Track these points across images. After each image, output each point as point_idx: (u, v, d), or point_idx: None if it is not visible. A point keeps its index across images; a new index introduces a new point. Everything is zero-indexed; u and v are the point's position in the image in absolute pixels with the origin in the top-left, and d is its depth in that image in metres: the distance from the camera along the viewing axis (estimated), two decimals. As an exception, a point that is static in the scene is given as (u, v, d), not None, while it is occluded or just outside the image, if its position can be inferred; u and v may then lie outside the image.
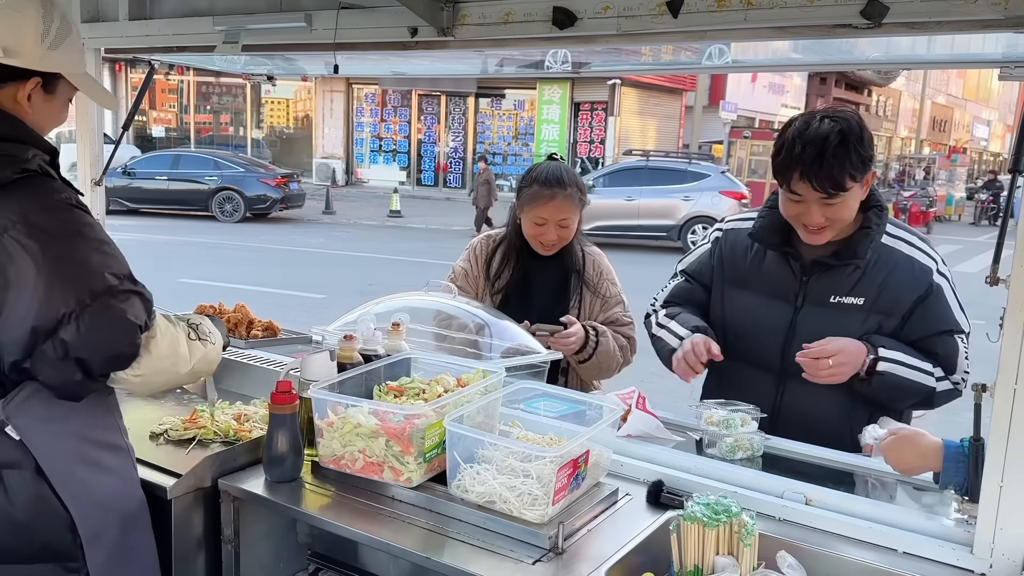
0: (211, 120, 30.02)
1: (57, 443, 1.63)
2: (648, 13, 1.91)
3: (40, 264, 1.53)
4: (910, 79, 39.96)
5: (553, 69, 2.86)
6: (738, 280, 2.25)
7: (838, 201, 1.97)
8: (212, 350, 1.81)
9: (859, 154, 1.95)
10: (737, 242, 2.27)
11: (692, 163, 17.43)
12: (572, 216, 2.63)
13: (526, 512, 1.61)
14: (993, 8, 1.58)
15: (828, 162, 1.92)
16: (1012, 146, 1.48)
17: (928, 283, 2.07)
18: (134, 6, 2.81)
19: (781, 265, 2.16)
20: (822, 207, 1.99)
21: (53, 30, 1.65)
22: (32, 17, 1.63)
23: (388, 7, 2.28)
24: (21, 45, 1.61)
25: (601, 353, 2.56)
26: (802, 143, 1.96)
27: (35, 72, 1.65)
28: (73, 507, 1.63)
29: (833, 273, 2.09)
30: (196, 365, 1.76)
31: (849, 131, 1.95)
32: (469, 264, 2.81)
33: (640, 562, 1.56)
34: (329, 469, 1.85)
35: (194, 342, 1.76)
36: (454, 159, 26.92)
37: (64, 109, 1.78)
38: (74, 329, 1.53)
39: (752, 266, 2.22)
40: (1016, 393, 1.41)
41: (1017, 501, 1.44)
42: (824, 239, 2.06)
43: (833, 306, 2.09)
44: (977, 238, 21.32)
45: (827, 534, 1.64)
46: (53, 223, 1.57)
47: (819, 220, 2.01)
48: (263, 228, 17.41)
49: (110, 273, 1.59)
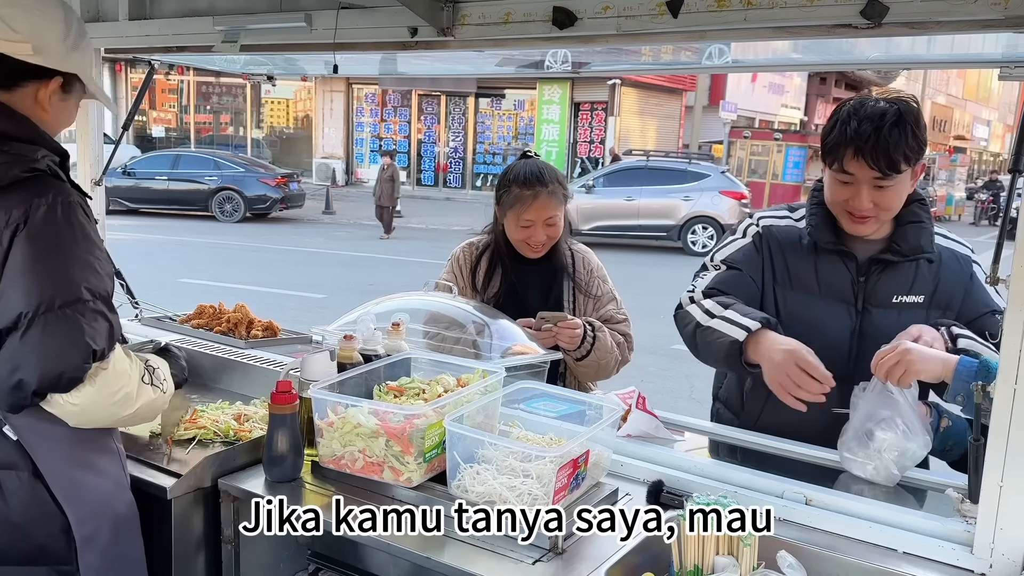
0: (211, 120, 30.03)
1: (54, 444, 1.61)
2: (648, 13, 1.91)
3: (23, 262, 1.50)
4: (910, 79, 39.91)
5: (553, 69, 2.85)
6: (791, 280, 2.11)
7: (889, 185, 1.92)
8: (160, 399, 1.72)
9: (915, 135, 1.90)
10: (783, 240, 2.14)
11: (692, 163, 17.45)
12: (558, 213, 2.57)
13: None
14: (993, 8, 1.58)
15: (884, 138, 1.87)
16: (1012, 146, 1.48)
17: (970, 272, 2.07)
18: (134, 6, 2.81)
19: (836, 264, 2.07)
20: (872, 191, 1.93)
21: (73, 31, 1.66)
22: (56, 17, 1.64)
23: (388, 7, 2.28)
24: (48, 44, 1.60)
25: (599, 348, 2.50)
26: (858, 119, 1.90)
27: (57, 72, 1.64)
28: (69, 509, 1.62)
29: (892, 271, 2.04)
30: (140, 410, 1.67)
31: (907, 111, 1.91)
32: (453, 276, 2.72)
33: (640, 562, 1.55)
34: (329, 469, 1.85)
35: (146, 386, 1.67)
36: (454, 159, 26.92)
37: (75, 111, 1.78)
38: (21, 333, 1.47)
39: (805, 266, 2.10)
40: (1016, 393, 1.40)
41: (1017, 501, 1.44)
42: (869, 230, 2.01)
43: (897, 306, 2.03)
44: (977, 238, 21.24)
45: (827, 534, 1.64)
46: (51, 225, 1.53)
47: (867, 205, 1.94)
48: (263, 228, 17.41)
49: (86, 287, 1.54)
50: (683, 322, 2.18)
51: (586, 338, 2.49)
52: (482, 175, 26.65)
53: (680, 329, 2.20)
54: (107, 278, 1.60)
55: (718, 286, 2.14)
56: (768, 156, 22.63)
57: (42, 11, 1.62)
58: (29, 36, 1.58)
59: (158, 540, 1.84)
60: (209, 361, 2.56)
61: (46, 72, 1.63)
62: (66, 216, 1.55)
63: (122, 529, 1.72)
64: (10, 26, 1.56)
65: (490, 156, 26.45)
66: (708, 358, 2.15)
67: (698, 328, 2.09)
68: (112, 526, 1.69)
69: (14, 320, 1.48)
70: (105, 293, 1.58)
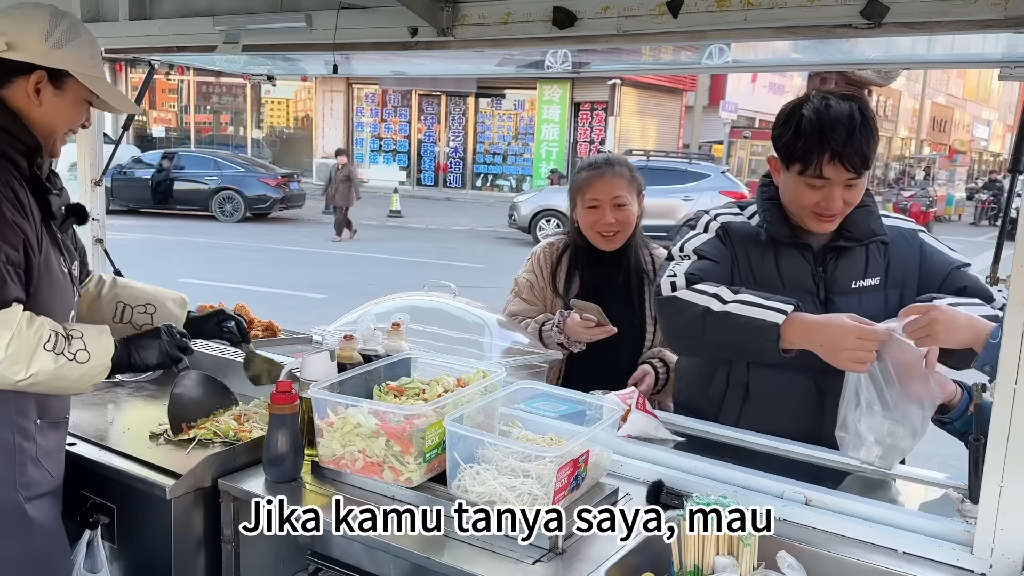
0: (211, 120, 30.04)
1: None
2: (648, 13, 1.91)
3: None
4: (910, 79, 39.93)
5: (553, 69, 2.85)
6: (754, 276, 2.09)
7: (858, 182, 1.96)
8: (71, 367, 1.71)
9: (875, 131, 1.95)
10: (743, 236, 2.13)
11: (692, 163, 17.43)
12: (627, 194, 2.55)
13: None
14: (993, 8, 1.58)
15: (857, 139, 1.90)
16: (1012, 146, 1.48)
17: (918, 243, 2.11)
18: (134, 6, 2.82)
19: (795, 257, 2.08)
20: (843, 190, 1.95)
21: (59, 31, 1.79)
22: (39, 19, 1.78)
23: (388, 7, 2.28)
24: (25, 41, 1.75)
25: (671, 385, 2.50)
26: (828, 123, 1.91)
27: (38, 67, 1.76)
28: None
29: (847, 258, 2.06)
30: (41, 378, 1.67)
31: (866, 109, 1.96)
32: (534, 276, 2.70)
33: (640, 562, 1.55)
34: (329, 469, 1.85)
35: (47, 353, 1.67)
36: (454, 159, 26.93)
37: (77, 108, 1.87)
38: None
39: (768, 262, 2.09)
40: (1016, 393, 1.40)
41: (1017, 501, 1.44)
42: (833, 226, 2.03)
43: (857, 291, 2.05)
44: (977, 238, 21.31)
45: (827, 534, 1.64)
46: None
47: (839, 205, 1.96)
48: (263, 228, 17.41)
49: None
50: (677, 308, 1.97)
51: (658, 383, 2.49)
52: (482, 175, 26.67)
53: (674, 316, 2.00)
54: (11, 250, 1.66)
55: (699, 274, 2.00)
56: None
57: (26, 13, 1.79)
58: (5, 33, 1.74)
59: (158, 540, 1.84)
60: (209, 361, 2.56)
61: (27, 67, 1.76)
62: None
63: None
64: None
65: (490, 156, 26.47)
66: (721, 346, 1.98)
67: (708, 314, 1.91)
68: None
69: None
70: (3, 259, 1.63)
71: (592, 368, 2.45)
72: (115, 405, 2.30)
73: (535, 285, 2.69)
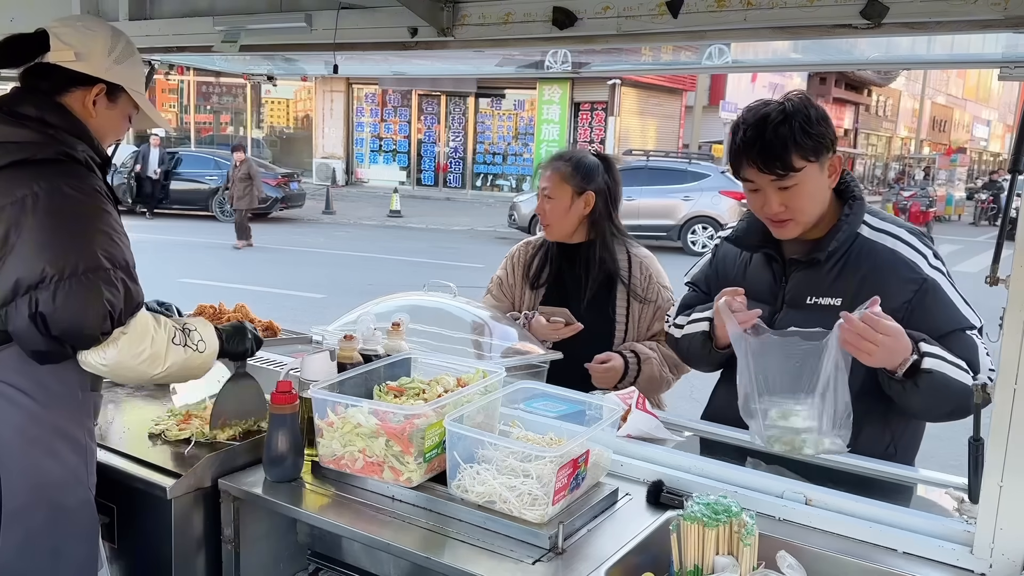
0: (211, 120, 30.04)
1: (16, 411, 1.69)
2: (648, 13, 1.91)
3: (45, 227, 1.65)
4: (910, 79, 39.97)
5: (553, 69, 2.86)
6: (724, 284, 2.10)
7: (792, 184, 1.90)
8: (195, 357, 1.84)
9: (805, 131, 1.87)
10: (728, 249, 2.22)
11: (692, 163, 17.44)
12: (554, 188, 2.61)
13: (526, 512, 1.61)
14: (993, 8, 1.58)
15: (769, 140, 1.87)
16: (1012, 146, 1.48)
17: (920, 279, 1.90)
18: (134, 6, 2.82)
19: (763, 267, 2.10)
20: (777, 193, 1.92)
21: (119, 48, 1.90)
22: (101, 35, 1.89)
23: (388, 7, 2.28)
24: (91, 53, 1.85)
25: (644, 380, 2.49)
26: (744, 127, 1.92)
27: (100, 80, 1.86)
28: (5, 475, 1.69)
29: (810, 272, 2.00)
30: (173, 370, 1.80)
31: (793, 111, 1.89)
32: (505, 272, 2.78)
33: (640, 562, 1.55)
34: (329, 469, 1.85)
35: (177, 347, 1.80)
36: (454, 159, 26.93)
37: (124, 122, 1.97)
38: (50, 294, 1.62)
39: (738, 271, 2.17)
40: (1016, 393, 1.40)
41: (1017, 501, 1.44)
42: (791, 232, 1.98)
43: (809, 307, 1.98)
44: (977, 238, 21.34)
45: (827, 534, 1.64)
46: (75, 199, 1.70)
47: (776, 208, 1.93)
48: (263, 228, 17.39)
49: (105, 257, 1.68)
50: (672, 344, 2.35)
51: (627, 374, 2.49)
52: (482, 175, 26.67)
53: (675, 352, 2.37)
54: (126, 250, 1.75)
55: (683, 310, 2.29)
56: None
57: (90, 28, 1.89)
58: (73, 45, 1.83)
59: (158, 540, 1.84)
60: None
61: (89, 79, 1.85)
62: (92, 196, 1.73)
63: (64, 522, 1.74)
64: (60, 40, 1.83)
65: (490, 156, 26.46)
66: (698, 363, 2.29)
67: (679, 341, 2.26)
68: (50, 513, 1.72)
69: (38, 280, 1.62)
70: (125, 263, 1.72)
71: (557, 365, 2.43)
72: (115, 405, 2.29)
73: (504, 282, 2.78)
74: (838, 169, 1.98)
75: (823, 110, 1.95)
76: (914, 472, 1.94)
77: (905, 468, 1.95)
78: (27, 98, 1.80)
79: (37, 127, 1.75)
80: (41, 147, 1.73)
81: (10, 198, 1.66)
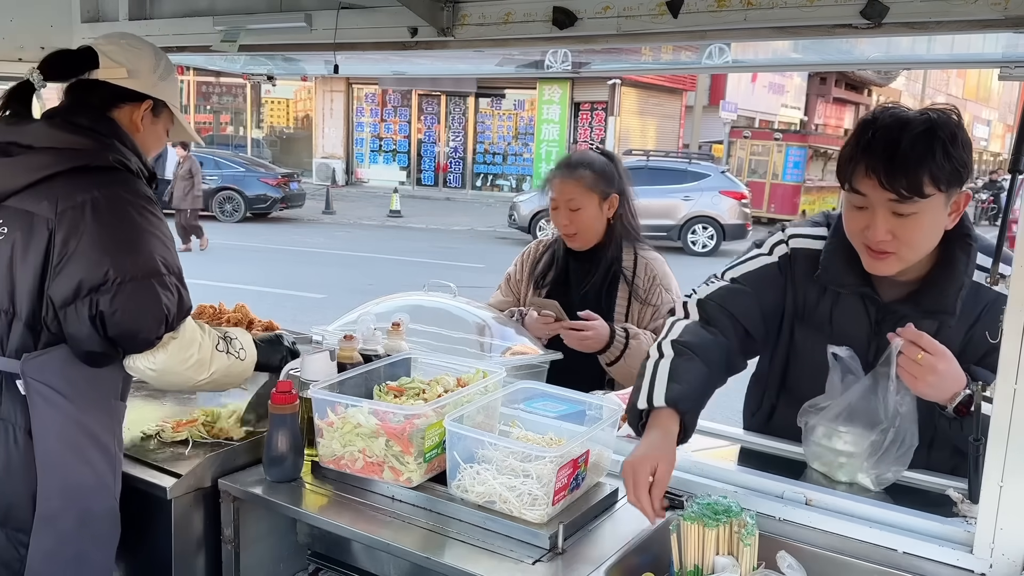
0: (211, 120, 30.01)
1: (56, 414, 1.70)
2: (648, 13, 1.91)
3: (106, 231, 1.69)
4: (910, 79, 39.95)
5: (553, 69, 2.86)
6: (805, 312, 1.87)
7: (910, 212, 1.58)
8: (237, 364, 1.89)
9: (946, 152, 1.54)
10: (809, 269, 1.85)
11: (692, 163, 17.46)
12: (580, 199, 2.55)
13: (526, 512, 1.61)
14: (993, 8, 1.58)
15: (904, 153, 1.54)
16: (1012, 146, 1.47)
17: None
18: (134, 6, 2.82)
19: (855, 305, 1.80)
20: (889, 218, 1.60)
21: (162, 66, 1.98)
22: (147, 52, 1.96)
23: (388, 7, 2.29)
24: (140, 71, 1.92)
25: (632, 355, 2.44)
26: (874, 129, 1.60)
27: (147, 96, 1.92)
28: (41, 477, 1.69)
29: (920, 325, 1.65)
30: (216, 376, 1.85)
31: (941, 123, 1.57)
32: (515, 268, 2.79)
33: (640, 562, 1.56)
34: (329, 469, 1.85)
35: (220, 353, 1.84)
36: (454, 159, 26.92)
37: (162, 137, 2.03)
38: (111, 295, 1.65)
39: (825, 302, 1.84)
40: (1016, 393, 1.40)
41: (1017, 501, 1.44)
42: (889, 268, 1.68)
43: None
44: (977, 238, 21.29)
45: (827, 534, 1.64)
46: (133, 205, 1.75)
47: (883, 236, 1.61)
48: (263, 228, 17.41)
49: (162, 262, 1.73)
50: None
51: (613, 343, 2.45)
52: (482, 175, 26.66)
53: None
54: (176, 256, 1.81)
55: (712, 300, 1.87)
56: (768, 156, 22.64)
57: (135, 47, 1.95)
58: (124, 63, 1.89)
59: (158, 540, 1.84)
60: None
61: (138, 96, 1.91)
62: (148, 207, 1.78)
63: (90, 529, 1.75)
64: (110, 58, 1.89)
65: (490, 156, 26.46)
66: None
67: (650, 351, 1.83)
68: (79, 519, 1.73)
69: (101, 282, 1.65)
70: (178, 269, 1.78)
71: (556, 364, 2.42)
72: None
73: (512, 278, 2.78)
74: (962, 209, 1.67)
75: (968, 136, 1.62)
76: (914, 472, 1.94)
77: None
78: (80, 110, 1.84)
79: (94, 136, 1.79)
80: (98, 155, 1.77)
81: (71, 202, 1.69)
